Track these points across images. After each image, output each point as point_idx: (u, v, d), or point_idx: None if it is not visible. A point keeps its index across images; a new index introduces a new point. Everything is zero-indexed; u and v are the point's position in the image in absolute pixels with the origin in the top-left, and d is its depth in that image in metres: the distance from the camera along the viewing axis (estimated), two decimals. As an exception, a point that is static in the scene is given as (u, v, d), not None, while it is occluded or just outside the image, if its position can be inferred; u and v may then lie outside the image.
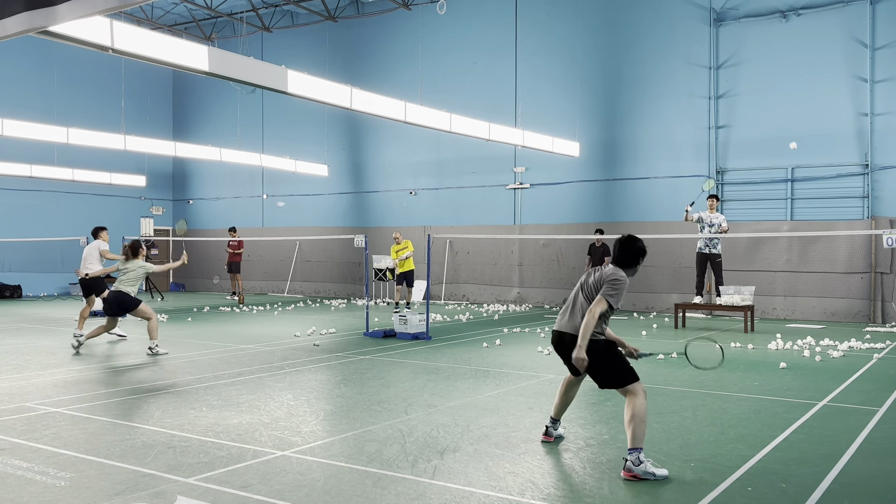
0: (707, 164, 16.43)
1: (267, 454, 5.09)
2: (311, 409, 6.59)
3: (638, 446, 4.74)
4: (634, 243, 5.16)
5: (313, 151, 22.05)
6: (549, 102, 18.37)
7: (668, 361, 9.38)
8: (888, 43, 14.65)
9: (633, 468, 4.68)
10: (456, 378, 8.12)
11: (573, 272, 17.63)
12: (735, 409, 6.55)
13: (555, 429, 5.58)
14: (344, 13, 21.82)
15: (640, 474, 4.65)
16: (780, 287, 15.49)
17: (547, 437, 5.54)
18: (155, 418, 6.18)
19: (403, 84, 19.36)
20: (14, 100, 20.75)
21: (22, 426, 5.91)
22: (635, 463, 4.68)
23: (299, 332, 12.56)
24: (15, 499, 4.20)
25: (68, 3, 4.84)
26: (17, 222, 21.30)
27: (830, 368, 8.86)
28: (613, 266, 5.17)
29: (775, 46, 15.71)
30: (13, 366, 8.98)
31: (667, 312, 16.21)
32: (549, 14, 18.51)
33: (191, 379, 8.07)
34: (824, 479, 4.56)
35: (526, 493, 4.32)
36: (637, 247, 5.14)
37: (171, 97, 25.91)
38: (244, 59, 9.02)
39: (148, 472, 4.69)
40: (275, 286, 23.33)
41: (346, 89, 10.79)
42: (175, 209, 26.12)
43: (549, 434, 5.54)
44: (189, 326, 13.66)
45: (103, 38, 7.13)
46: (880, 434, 5.70)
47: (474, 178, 19.74)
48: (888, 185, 14.69)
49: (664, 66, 16.96)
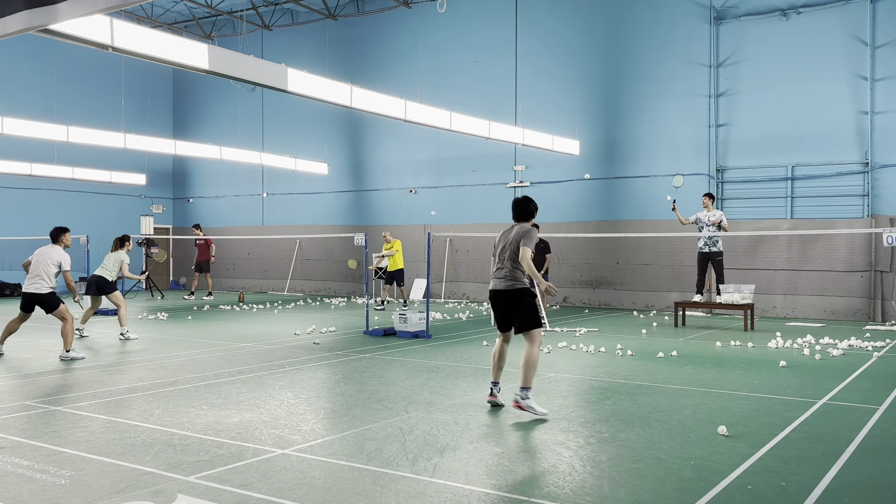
0: (707, 162, 16.43)
1: (267, 452, 5.09)
2: (311, 408, 6.60)
3: (528, 386, 6.16)
4: (528, 203, 6.58)
5: (313, 150, 22.05)
6: (549, 101, 18.36)
7: (668, 360, 9.39)
8: (888, 41, 14.64)
9: (521, 402, 6.13)
10: (456, 376, 8.12)
11: (573, 271, 17.64)
12: (735, 408, 6.55)
13: (498, 391, 6.57)
14: (344, 11, 21.81)
15: (525, 407, 6.09)
16: (779, 285, 15.49)
17: (493, 398, 6.54)
18: (155, 416, 6.19)
19: (403, 82, 19.35)
20: (14, 98, 20.75)
21: (22, 424, 5.92)
22: (524, 398, 6.13)
23: (299, 330, 12.57)
24: (15, 497, 4.20)
25: (68, 2, 4.84)
26: (18, 221, 21.30)
27: (830, 367, 8.87)
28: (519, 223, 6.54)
29: (776, 45, 15.70)
30: (13, 364, 8.98)
31: (667, 311, 16.22)
32: (549, 12, 18.50)
33: (191, 377, 8.07)
34: (824, 477, 4.56)
35: (526, 491, 4.32)
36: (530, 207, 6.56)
37: (172, 95, 25.90)
38: (244, 58, 9.01)
39: (148, 470, 4.69)
40: (275, 284, 23.33)
41: (347, 87, 10.79)
42: (175, 207, 26.12)
43: (493, 395, 6.55)
44: (189, 325, 13.67)
45: (103, 36, 7.13)
46: (880, 432, 5.71)
47: (474, 176, 19.73)
48: (888, 183, 14.68)
49: (664, 65, 16.95)
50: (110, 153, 20.87)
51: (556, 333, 12.22)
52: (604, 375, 8.26)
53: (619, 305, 17.43)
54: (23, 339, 11.43)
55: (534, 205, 6.62)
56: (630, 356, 9.70)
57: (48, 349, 10.33)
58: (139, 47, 7.56)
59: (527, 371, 6.17)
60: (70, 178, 20.02)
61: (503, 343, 6.64)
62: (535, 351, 6.23)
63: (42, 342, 11.06)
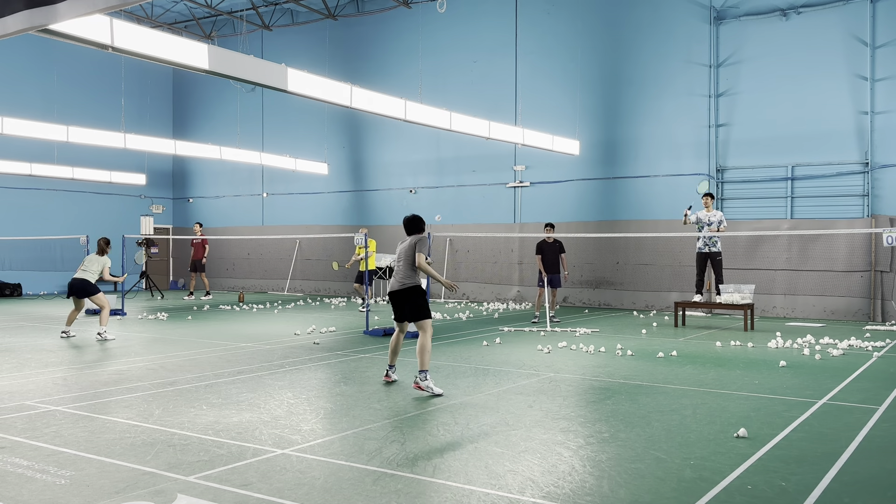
0: (707, 162, 16.43)
1: (267, 452, 5.09)
2: (311, 408, 6.60)
3: (425, 369, 7.12)
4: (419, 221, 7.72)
5: (313, 150, 22.05)
6: (549, 101, 18.36)
7: (668, 360, 9.39)
8: (888, 41, 14.64)
9: (420, 383, 7.10)
10: (456, 376, 8.12)
11: (573, 271, 17.63)
12: (735, 408, 6.55)
13: (393, 372, 7.74)
14: (344, 11, 21.81)
15: (424, 388, 7.04)
16: (779, 285, 15.49)
17: (387, 378, 7.70)
18: (155, 416, 6.19)
19: (403, 82, 19.35)
20: (14, 98, 20.74)
21: (22, 424, 5.92)
22: (423, 379, 7.09)
23: (299, 330, 12.56)
24: (15, 497, 4.20)
25: (68, 2, 4.84)
26: (17, 221, 21.30)
27: (830, 367, 8.87)
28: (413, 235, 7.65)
29: (776, 45, 15.70)
30: (13, 364, 8.98)
31: (667, 311, 16.22)
32: (549, 12, 18.50)
33: (191, 377, 8.07)
34: (824, 477, 4.56)
35: (526, 491, 4.32)
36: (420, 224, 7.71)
37: (171, 95, 25.89)
38: (244, 58, 9.01)
39: (148, 470, 4.69)
40: (275, 284, 23.33)
41: (346, 87, 10.78)
42: (175, 207, 26.12)
43: (388, 375, 7.72)
44: (189, 325, 13.67)
45: (103, 36, 7.12)
46: (880, 432, 5.71)
47: (474, 176, 19.73)
48: (888, 183, 14.68)
49: (664, 65, 16.95)
50: (110, 153, 20.87)
51: (556, 333, 12.22)
52: (604, 375, 8.26)
53: (619, 305, 17.43)
54: (23, 337, 11.43)
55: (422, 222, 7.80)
56: (630, 356, 9.70)
57: (49, 348, 10.32)
58: (139, 47, 7.55)
59: (422, 356, 7.15)
60: (70, 178, 20.01)
61: (399, 333, 7.70)
62: (428, 337, 7.30)
63: (42, 341, 11.06)
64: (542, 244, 14.17)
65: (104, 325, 11.36)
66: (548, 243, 14.11)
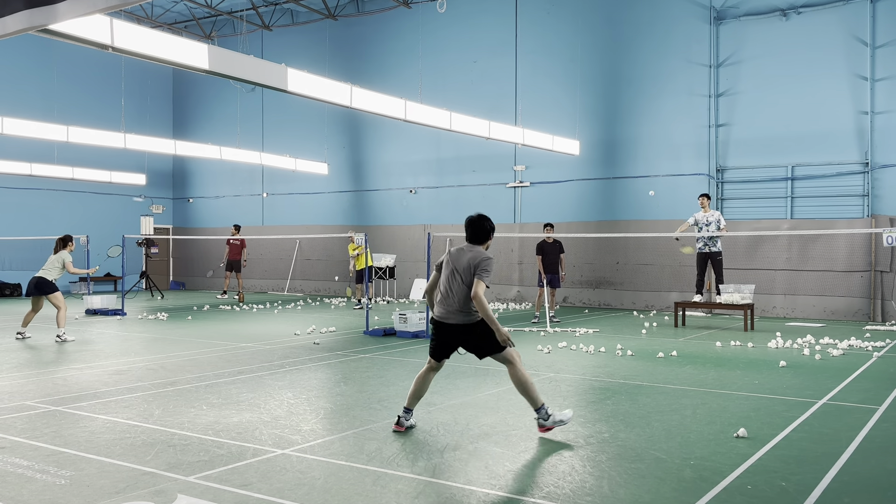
0: (707, 162, 16.43)
1: (267, 452, 5.09)
2: (311, 408, 6.60)
3: (540, 405, 5.47)
4: (484, 222, 5.70)
5: (313, 150, 22.05)
6: (549, 100, 18.36)
7: (668, 360, 9.39)
8: (888, 41, 14.64)
9: (544, 423, 5.48)
10: (456, 376, 8.12)
11: (573, 270, 17.63)
12: (735, 408, 6.55)
13: (407, 419, 5.72)
14: (344, 11, 21.80)
15: (553, 424, 5.45)
16: (779, 285, 15.49)
17: (399, 427, 5.66)
18: (155, 416, 6.19)
19: (403, 82, 19.35)
20: (14, 98, 20.74)
21: (22, 424, 5.92)
22: (545, 418, 5.47)
23: (299, 330, 12.57)
24: (15, 497, 4.20)
25: (68, 2, 4.84)
26: (17, 221, 21.30)
27: (830, 367, 8.86)
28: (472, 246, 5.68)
29: (775, 45, 15.70)
30: (13, 364, 8.98)
31: (667, 311, 16.21)
32: (548, 12, 18.50)
33: (191, 377, 8.07)
34: (824, 477, 4.56)
35: (526, 491, 4.32)
36: (487, 226, 5.71)
37: (171, 95, 25.89)
38: (244, 58, 9.01)
39: (148, 470, 4.69)
40: (275, 284, 23.33)
41: (346, 87, 10.78)
42: (175, 207, 26.12)
43: (400, 424, 5.67)
44: (189, 325, 13.67)
45: (103, 36, 7.13)
46: (880, 432, 5.71)
47: (474, 176, 19.73)
48: (888, 183, 14.68)
49: (664, 65, 16.94)
50: (110, 153, 20.86)
51: (556, 334, 12.22)
52: (604, 375, 8.26)
53: (619, 305, 17.43)
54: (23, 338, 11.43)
55: (490, 224, 5.77)
56: (630, 356, 9.70)
57: (48, 348, 10.32)
58: (139, 47, 7.56)
59: (528, 392, 5.49)
60: (70, 178, 20.01)
61: (430, 371, 5.80)
62: (519, 369, 5.52)
63: (42, 341, 11.06)
64: (542, 244, 14.14)
65: (62, 328, 11.07)
66: (548, 244, 14.07)
